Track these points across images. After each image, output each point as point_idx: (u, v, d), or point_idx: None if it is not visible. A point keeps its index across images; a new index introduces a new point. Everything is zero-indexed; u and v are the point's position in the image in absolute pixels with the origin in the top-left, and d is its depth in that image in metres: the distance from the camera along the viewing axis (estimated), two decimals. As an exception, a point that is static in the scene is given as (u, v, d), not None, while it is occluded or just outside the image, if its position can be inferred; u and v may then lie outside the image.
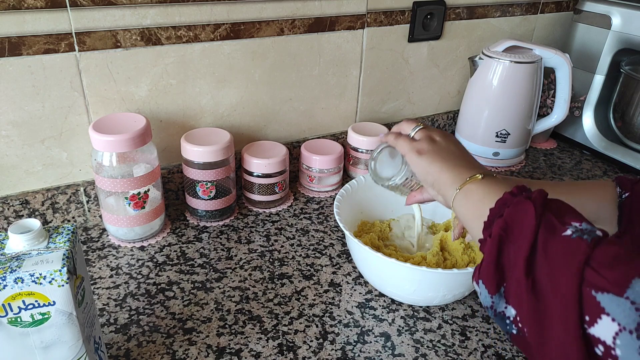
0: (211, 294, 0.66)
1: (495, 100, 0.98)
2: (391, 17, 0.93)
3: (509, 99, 0.98)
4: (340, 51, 0.90)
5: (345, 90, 0.95)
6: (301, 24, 0.84)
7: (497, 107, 0.99)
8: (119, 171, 0.69)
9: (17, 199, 0.72)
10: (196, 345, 0.58)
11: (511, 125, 1.00)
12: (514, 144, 1.02)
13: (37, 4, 0.64)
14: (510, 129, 1.00)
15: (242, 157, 0.82)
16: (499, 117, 0.99)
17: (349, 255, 0.75)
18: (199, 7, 0.74)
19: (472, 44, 1.07)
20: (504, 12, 1.08)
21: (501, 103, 0.98)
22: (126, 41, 0.71)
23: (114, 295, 0.65)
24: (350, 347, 0.59)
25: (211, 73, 0.80)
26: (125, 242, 0.75)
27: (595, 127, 1.09)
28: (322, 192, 0.91)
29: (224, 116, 0.85)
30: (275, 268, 0.71)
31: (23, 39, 0.65)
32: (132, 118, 0.71)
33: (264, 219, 0.83)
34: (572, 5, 1.18)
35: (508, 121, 0.99)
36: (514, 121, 1.00)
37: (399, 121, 1.07)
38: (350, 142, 0.94)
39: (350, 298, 0.66)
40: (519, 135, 1.01)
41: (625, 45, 1.00)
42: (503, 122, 1.00)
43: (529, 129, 1.03)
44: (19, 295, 0.40)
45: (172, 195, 0.84)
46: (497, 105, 0.99)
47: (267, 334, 0.60)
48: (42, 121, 0.70)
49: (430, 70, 1.05)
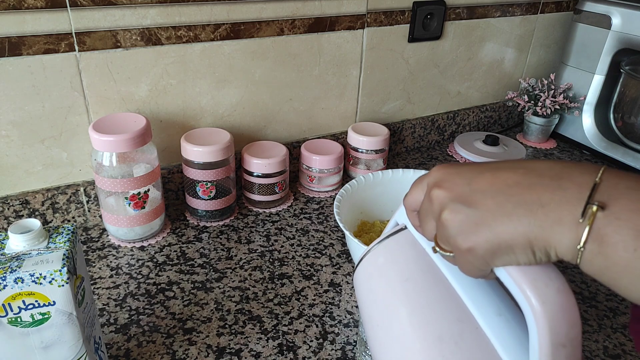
0: (211, 294, 0.66)
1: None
2: (391, 17, 0.93)
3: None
4: (340, 51, 0.90)
5: (345, 90, 0.95)
6: (301, 24, 0.84)
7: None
8: (119, 171, 0.69)
9: (17, 199, 0.72)
10: (196, 345, 0.58)
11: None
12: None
13: (37, 4, 0.64)
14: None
15: (242, 157, 0.83)
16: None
17: (349, 255, 0.75)
18: (199, 7, 0.74)
19: (472, 44, 1.07)
20: (504, 12, 1.08)
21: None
22: (126, 41, 0.71)
23: (114, 295, 0.65)
24: (350, 347, 0.59)
25: (211, 73, 0.80)
26: (125, 242, 0.75)
27: (595, 127, 1.09)
28: (322, 192, 0.91)
29: (224, 116, 0.85)
30: (275, 268, 0.71)
31: (23, 39, 0.65)
32: (132, 118, 0.71)
33: (264, 219, 0.83)
34: (572, 5, 1.18)
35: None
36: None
37: (398, 121, 1.08)
38: (350, 142, 0.94)
39: (350, 298, 0.66)
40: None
41: (625, 45, 1.00)
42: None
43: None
44: (19, 295, 0.40)
45: (172, 195, 0.84)
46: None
47: (267, 334, 0.60)
48: (42, 121, 0.70)
49: (430, 70, 1.05)
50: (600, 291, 0.70)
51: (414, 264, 0.38)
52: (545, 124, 1.12)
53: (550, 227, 0.27)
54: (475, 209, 0.30)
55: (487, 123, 1.20)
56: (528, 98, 1.12)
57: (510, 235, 0.29)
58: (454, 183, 0.32)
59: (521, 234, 0.28)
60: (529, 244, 0.28)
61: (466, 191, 0.31)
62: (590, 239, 0.26)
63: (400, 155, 1.08)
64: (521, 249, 0.29)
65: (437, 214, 0.33)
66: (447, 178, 0.33)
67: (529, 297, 0.29)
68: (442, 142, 1.14)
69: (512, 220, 0.28)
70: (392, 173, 0.76)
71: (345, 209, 0.70)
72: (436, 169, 0.34)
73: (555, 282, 0.29)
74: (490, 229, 0.29)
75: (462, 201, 0.31)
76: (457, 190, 0.32)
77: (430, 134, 1.11)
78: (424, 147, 1.12)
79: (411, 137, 1.09)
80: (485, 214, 0.30)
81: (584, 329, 0.63)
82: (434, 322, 0.35)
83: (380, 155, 0.93)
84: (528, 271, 0.30)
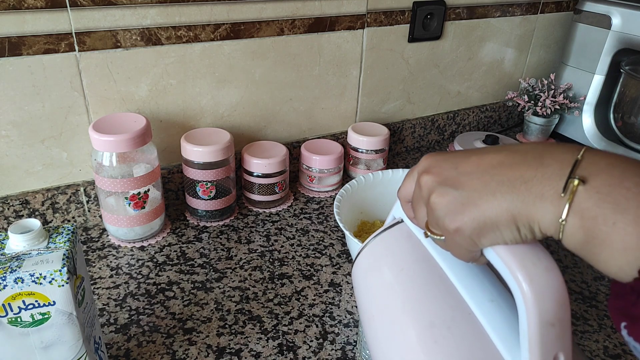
0: (211, 294, 0.66)
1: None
2: (391, 17, 0.93)
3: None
4: (340, 51, 0.90)
5: (345, 90, 0.95)
6: (301, 24, 0.84)
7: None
8: (119, 171, 0.69)
9: (17, 199, 0.72)
10: (196, 345, 0.58)
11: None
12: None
13: (37, 4, 0.64)
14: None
15: (242, 157, 0.83)
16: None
17: (349, 255, 0.75)
18: (199, 7, 0.74)
19: (472, 44, 1.07)
20: (504, 12, 1.08)
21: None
22: (126, 41, 0.71)
23: (114, 295, 0.65)
24: (350, 347, 0.59)
25: (211, 73, 0.80)
26: (125, 242, 0.75)
27: (595, 127, 1.09)
28: (322, 192, 0.91)
29: (224, 116, 0.85)
30: (275, 268, 0.71)
31: (23, 39, 0.65)
32: (132, 118, 0.71)
33: (264, 219, 0.83)
34: (572, 5, 1.18)
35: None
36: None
37: (398, 121, 1.08)
38: (350, 142, 0.94)
39: (350, 298, 0.66)
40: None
41: (625, 45, 1.00)
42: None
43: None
44: (19, 295, 0.40)
45: (172, 195, 0.84)
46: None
47: (267, 334, 0.60)
48: (42, 121, 0.70)
49: (430, 70, 1.05)
50: (601, 291, 0.70)
51: (409, 255, 0.39)
52: (545, 124, 1.12)
53: (532, 203, 0.28)
54: (461, 190, 0.31)
55: (487, 123, 1.20)
56: (528, 98, 1.12)
57: (494, 212, 0.29)
58: (442, 168, 0.33)
59: (505, 210, 0.29)
60: (513, 220, 0.29)
61: (453, 174, 0.32)
62: (572, 212, 0.26)
63: (400, 155, 1.08)
64: (506, 225, 0.29)
65: (427, 198, 0.33)
66: (435, 164, 0.34)
67: (517, 276, 0.29)
68: (442, 142, 1.14)
69: (496, 198, 0.29)
70: (392, 173, 0.76)
71: (345, 209, 0.70)
72: (425, 157, 0.35)
73: (543, 261, 0.30)
74: (476, 208, 0.30)
75: (449, 184, 0.32)
76: (445, 175, 0.32)
77: (430, 133, 1.11)
78: (424, 147, 1.12)
79: (411, 137, 1.09)
80: (471, 193, 0.30)
81: (584, 328, 0.63)
82: (426, 309, 0.36)
83: (380, 155, 0.94)
84: (516, 251, 0.30)
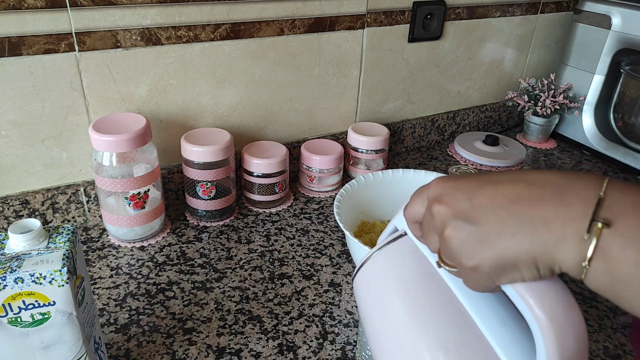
0: (211, 294, 0.66)
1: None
2: (391, 17, 0.93)
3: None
4: (340, 51, 0.90)
5: (345, 90, 0.95)
6: (301, 24, 0.84)
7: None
8: (119, 171, 0.69)
9: (17, 199, 0.72)
10: (196, 345, 0.58)
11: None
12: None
13: (37, 4, 0.64)
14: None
15: (242, 157, 0.83)
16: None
17: (349, 255, 0.75)
18: (199, 7, 0.74)
19: (472, 44, 1.07)
20: (504, 12, 1.08)
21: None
22: (126, 41, 0.71)
23: (114, 295, 0.65)
24: (350, 347, 0.59)
25: (211, 73, 0.80)
26: (125, 242, 0.75)
27: (595, 127, 1.09)
28: (322, 192, 0.91)
29: (224, 116, 0.85)
30: (275, 268, 0.71)
31: (23, 39, 0.65)
32: (132, 118, 0.71)
33: (264, 219, 0.83)
34: (572, 5, 1.18)
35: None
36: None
37: (398, 121, 1.08)
38: (350, 142, 0.94)
39: (350, 298, 0.66)
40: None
41: (625, 45, 1.00)
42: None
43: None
44: (19, 295, 0.40)
45: (172, 195, 0.84)
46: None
47: (267, 334, 0.60)
48: (42, 121, 0.70)
49: (430, 70, 1.05)
50: (600, 291, 0.70)
51: (415, 271, 0.38)
52: (545, 124, 1.12)
53: (554, 244, 0.27)
54: (478, 226, 0.30)
55: (487, 123, 1.20)
56: (528, 98, 1.12)
57: (515, 253, 0.28)
58: (455, 198, 0.31)
59: (525, 251, 0.28)
60: (534, 261, 0.28)
61: (467, 207, 0.30)
62: (596, 255, 0.26)
63: (400, 155, 1.08)
64: (526, 266, 0.28)
65: (440, 230, 0.32)
66: (447, 192, 0.32)
67: (537, 313, 0.29)
68: (442, 142, 1.14)
69: (516, 238, 0.28)
70: (392, 173, 0.76)
71: (345, 209, 0.70)
72: (435, 182, 0.34)
73: (562, 297, 0.29)
74: (495, 247, 0.29)
75: (464, 218, 0.30)
76: (458, 206, 0.31)
77: (430, 134, 1.11)
78: (424, 147, 1.12)
79: (411, 137, 1.09)
80: (489, 231, 0.29)
81: (584, 329, 0.63)
82: (437, 331, 0.35)
83: (380, 155, 0.93)
84: (534, 287, 0.29)
